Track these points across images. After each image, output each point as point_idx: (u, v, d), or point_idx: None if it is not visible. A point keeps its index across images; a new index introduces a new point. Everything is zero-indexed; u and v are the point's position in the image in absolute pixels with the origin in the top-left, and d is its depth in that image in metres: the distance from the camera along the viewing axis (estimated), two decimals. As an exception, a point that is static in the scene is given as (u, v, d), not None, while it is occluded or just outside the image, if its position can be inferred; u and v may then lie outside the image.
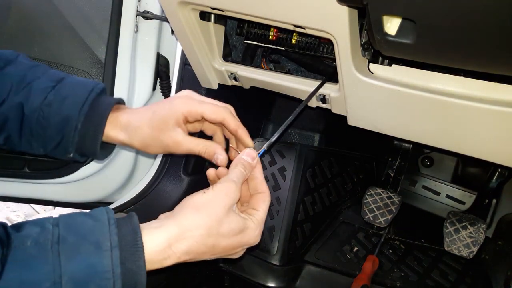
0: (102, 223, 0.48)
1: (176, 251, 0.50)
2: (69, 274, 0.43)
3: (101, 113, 0.63)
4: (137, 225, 0.49)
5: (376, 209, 1.11)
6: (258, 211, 0.57)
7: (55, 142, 0.63)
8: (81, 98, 0.63)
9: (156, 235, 0.49)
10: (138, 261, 0.47)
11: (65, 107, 0.62)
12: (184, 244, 0.50)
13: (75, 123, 0.62)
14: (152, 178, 1.04)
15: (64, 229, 0.46)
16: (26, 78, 0.63)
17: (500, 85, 0.59)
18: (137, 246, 0.47)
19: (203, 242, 0.51)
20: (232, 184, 0.55)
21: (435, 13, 0.46)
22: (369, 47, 0.66)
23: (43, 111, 0.62)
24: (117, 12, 0.94)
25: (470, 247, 0.99)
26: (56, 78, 0.65)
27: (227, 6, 0.69)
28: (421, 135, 0.72)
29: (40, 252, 0.44)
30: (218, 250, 0.53)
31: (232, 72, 0.86)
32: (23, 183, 1.02)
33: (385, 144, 1.30)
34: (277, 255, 1.05)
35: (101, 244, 0.46)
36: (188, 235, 0.50)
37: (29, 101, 0.62)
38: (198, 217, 0.51)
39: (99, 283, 0.44)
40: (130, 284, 0.46)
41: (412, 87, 0.64)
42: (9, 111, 0.62)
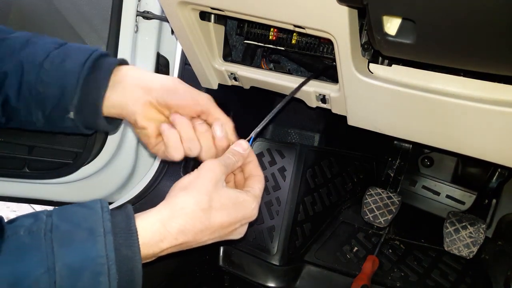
0: (95, 211, 0.48)
1: (171, 231, 0.49)
2: (63, 260, 0.43)
3: (104, 69, 0.60)
4: (131, 212, 0.49)
5: (376, 209, 1.11)
6: (253, 188, 0.57)
7: (55, 99, 0.59)
8: (84, 55, 0.60)
9: (148, 218, 0.49)
10: (132, 246, 0.46)
11: (67, 63, 0.59)
12: (178, 222, 0.49)
13: (76, 77, 0.59)
14: (152, 178, 1.04)
15: (57, 218, 0.46)
16: (29, 41, 0.62)
17: (500, 85, 0.59)
18: (131, 231, 0.47)
19: (197, 218, 0.50)
20: (215, 161, 0.55)
21: (435, 13, 0.46)
22: (369, 47, 0.66)
23: (44, 67, 0.59)
24: (117, 12, 0.94)
25: (470, 247, 0.99)
26: (59, 42, 0.63)
27: (227, 6, 0.69)
28: (421, 135, 0.72)
29: (33, 240, 0.44)
30: (216, 227, 0.52)
31: (232, 72, 0.86)
32: (23, 183, 1.02)
33: (385, 144, 1.30)
34: (277, 255, 1.05)
35: (94, 230, 0.45)
36: (179, 213, 0.50)
37: (29, 58, 0.60)
38: (187, 194, 0.51)
39: (93, 269, 0.44)
40: (126, 270, 0.46)
41: (412, 87, 0.64)
42: (9, 68, 0.60)
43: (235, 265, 1.09)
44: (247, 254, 1.07)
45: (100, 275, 0.44)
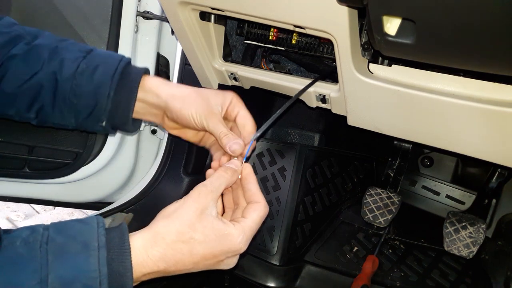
0: (91, 226, 0.48)
1: (152, 258, 0.49)
2: (56, 272, 0.44)
3: (132, 79, 0.65)
4: (125, 229, 0.50)
5: (376, 209, 1.11)
6: (245, 219, 0.56)
7: (88, 110, 0.65)
8: (112, 66, 0.65)
9: (134, 240, 0.50)
10: (124, 262, 0.47)
11: (97, 75, 0.64)
12: (158, 251, 0.50)
13: (107, 90, 0.64)
14: (152, 178, 1.04)
15: (53, 231, 0.47)
16: (57, 49, 0.65)
17: (500, 85, 0.59)
18: (124, 247, 0.48)
19: (177, 249, 0.50)
20: (202, 187, 0.54)
21: (435, 13, 0.46)
22: (369, 47, 0.66)
23: (76, 79, 0.64)
24: (117, 12, 0.94)
25: (470, 247, 0.99)
26: (85, 49, 0.67)
27: (227, 6, 0.69)
28: (421, 135, 0.72)
29: (28, 251, 0.44)
30: (198, 259, 0.52)
31: (232, 72, 0.86)
32: (23, 183, 1.02)
33: (385, 144, 1.30)
34: (277, 255, 1.05)
35: (89, 244, 0.46)
36: (160, 241, 0.50)
37: (62, 70, 0.64)
38: (169, 223, 0.51)
39: (85, 282, 0.44)
40: (117, 285, 0.47)
41: (412, 87, 0.64)
42: (44, 80, 0.64)
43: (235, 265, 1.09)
44: (247, 254, 1.07)
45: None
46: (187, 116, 0.63)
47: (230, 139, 0.61)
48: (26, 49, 0.64)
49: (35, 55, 0.64)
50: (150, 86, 0.66)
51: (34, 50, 0.65)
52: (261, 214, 0.57)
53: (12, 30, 0.66)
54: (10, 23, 0.68)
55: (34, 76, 0.63)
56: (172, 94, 0.65)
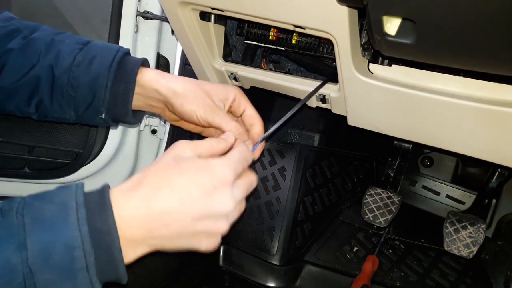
0: (68, 188, 0.47)
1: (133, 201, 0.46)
2: (34, 235, 0.42)
3: (130, 70, 0.64)
4: (106, 188, 0.47)
5: (376, 209, 1.11)
6: (229, 152, 0.53)
7: (87, 102, 0.64)
8: (108, 57, 0.64)
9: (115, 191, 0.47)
10: (107, 220, 0.44)
11: (94, 67, 0.63)
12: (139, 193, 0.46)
13: (105, 81, 0.63)
14: (152, 178, 1.04)
15: (30, 198, 0.45)
16: (54, 42, 0.65)
17: (500, 85, 0.59)
18: (105, 205, 0.45)
19: (157, 186, 0.47)
20: (184, 141, 0.52)
21: (435, 13, 0.46)
22: (369, 47, 0.66)
23: (73, 72, 0.63)
24: (117, 12, 0.94)
25: (470, 247, 0.99)
26: (82, 41, 0.67)
27: (227, 6, 0.69)
28: (421, 135, 0.72)
29: (4, 219, 0.43)
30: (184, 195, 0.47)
31: (232, 72, 0.86)
32: (23, 183, 1.02)
33: (385, 144, 1.30)
34: (277, 255, 1.05)
35: (66, 204, 0.44)
36: (138, 185, 0.47)
37: (58, 62, 0.63)
38: (146, 169, 0.49)
39: (66, 243, 0.42)
40: (103, 245, 0.44)
41: (412, 87, 0.64)
42: (41, 73, 0.63)
43: (235, 265, 1.09)
44: (247, 254, 1.07)
45: (73, 249, 0.42)
46: (190, 113, 0.63)
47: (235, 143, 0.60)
48: (22, 43, 0.64)
49: (32, 48, 0.64)
50: (149, 80, 0.65)
51: (30, 43, 0.64)
52: (242, 147, 0.55)
53: (9, 24, 0.66)
54: (8, 17, 0.68)
55: (31, 69, 0.63)
56: (173, 89, 0.64)
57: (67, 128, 0.99)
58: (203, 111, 0.62)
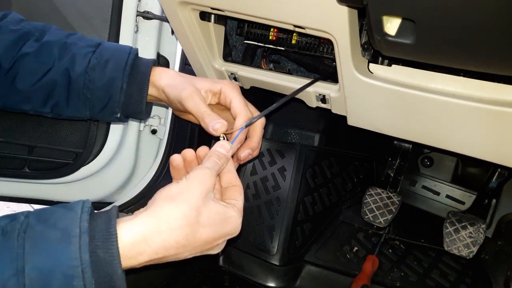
0: (74, 212, 0.45)
1: (153, 246, 0.46)
2: (33, 262, 0.41)
3: (142, 71, 0.68)
4: (113, 214, 0.46)
5: (376, 209, 1.11)
6: (237, 201, 0.54)
7: (102, 104, 0.67)
8: (122, 59, 0.67)
9: (130, 227, 0.45)
10: (110, 249, 0.43)
11: (108, 69, 0.66)
12: (162, 237, 0.46)
13: (120, 83, 0.66)
14: (152, 178, 1.04)
15: (34, 218, 0.44)
16: (67, 45, 0.67)
17: (500, 85, 0.59)
18: (110, 233, 0.44)
19: (182, 234, 0.47)
20: (207, 170, 0.52)
21: (435, 13, 0.46)
22: (369, 47, 0.66)
23: (89, 75, 0.66)
24: (117, 12, 0.94)
25: (470, 247, 0.99)
26: (94, 43, 0.70)
27: (227, 6, 0.69)
28: (421, 135, 0.72)
29: (5, 240, 0.42)
30: (199, 243, 0.49)
31: (232, 72, 0.86)
32: (23, 183, 1.02)
33: (385, 144, 1.30)
34: (277, 255, 1.05)
35: (69, 231, 0.43)
36: (165, 227, 0.46)
37: (74, 66, 0.66)
38: (175, 207, 0.47)
39: (65, 272, 0.41)
40: (104, 275, 0.43)
41: (412, 87, 0.64)
42: (57, 77, 0.66)
43: (235, 265, 1.09)
44: (247, 254, 1.07)
45: (73, 278, 0.41)
46: (173, 100, 0.66)
47: (212, 119, 0.62)
48: (36, 47, 0.66)
49: (46, 52, 0.66)
50: (161, 78, 0.69)
51: (44, 47, 0.66)
52: (243, 197, 0.57)
53: (20, 27, 0.68)
54: (17, 19, 0.70)
55: (47, 73, 0.66)
56: (167, 84, 0.68)
57: (67, 128, 0.99)
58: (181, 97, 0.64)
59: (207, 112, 0.63)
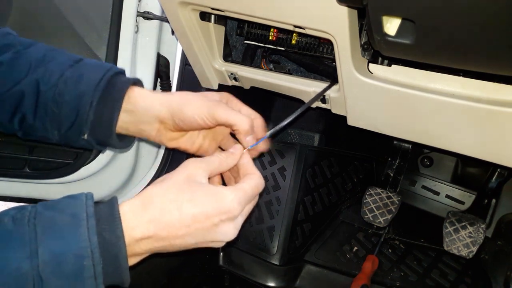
0: (79, 200, 0.48)
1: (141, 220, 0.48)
2: (45, 245, 0.43)
3: (118, 89, 0.61)
4: (114, 199, 0.49)
5: (375, 209, 1.11)
6: (243, 183, 0.54)
7: (70, 121, 0.61)
8: (97, 75, 0.61)
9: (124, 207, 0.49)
10: (115, 231, 0.46)
11: (81, 84, 0.60)
12: (147, 213, 0.49)
13: (90, 99, 0.60)
14: (153, 178, 1.04)
15: (42, 207, 0.47)
16: (45, 58, 0.63)
17: (500, 85, 0.59)
18: (114, 216, 0.47)
19: (165, 208, 0.49)
20: (193, 159, 0.54)
21: (435, 13, 0.46)
22: (368, 47, 0.66)
23: (59, 87, 0.60)
24: (117, 12, 0.94)
25: (469, 247, 0.99)
26: (74, 58, 0.64)
27: (227, 7, 0.69)
28: (421, 135, 0.72)
29: (16, 226, 0.44)
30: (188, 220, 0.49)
31: (232, 72, 0.86)
32: (23, 183, 1.02)
33: (384, 144, 1.30)
34: (277, 254, 1.05)
35: (77, 215, 0.46)
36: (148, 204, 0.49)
37: (45, 78, 0.61)
38: (157, 188, 0.51)
39: (76, 252, 0.44)
40: (110, 255, 0.46)
41: (411, 87, 0.64)
42: (26, 88, 0.61)
43: (235, 264, 1.09)
44: (247, 254, 1.07)
45: (83, 258, 0.44)
46: (191, 115, 0.60)
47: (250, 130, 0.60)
48: (12, 57, 0.62)
49: (21, 62, 0.62)
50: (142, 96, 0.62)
51: (20, 58, 0.62)
52: (255, 181, 0.55)
53: (3, 39, 0.64)
54: (4, 32, 0.66)
55: (17, 84, 0.61)
56: (168, 100, 0.62)
57: (67, 128, 0.99)
58: (206, 109, 0.60)
59: (247, 121, 0.61)
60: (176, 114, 0.62)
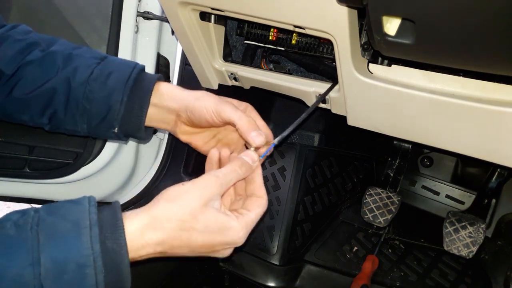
0: (82, 205, 0.48)
1: (149, 241, 0.48)
2: (48, 252, 0.43)
3: (145, 86, 0.65)
4: (118, 207, 0.49)
5: (375, 209, 1.11)
6: (249, 212, 0.55)
7: (101, 116, 0.65)
8: (125, 72, 0.65)
9: (130, 222, 0.48)
10: (118, 240, 0.46)
11: (110, 81, 0.64)
12: (156, 235, 0.49)
13: (120, 95, 0.64)
14: (153, 178, 1.04)
15: (44, 212, 0.46)
16: (72, 56, 0.66)
17: (500, 85, 0.59)
18: (117, 225, 0.47)
19: (176, 236, 0.49)
20: (213, 178, 0.52)
21: (435, 13, 0.46)
22: (368, 47, 0.66)
23: (90, 85, 0.64)
24: (117, 12, 0.94)
25: (469, 247, 0.99)
26: (100, 56, 0.68)
27: (227, 7, 0.69)
28: (421, 135, 0.72)
29: (19, 233, 0.44)
30: (196, 246, 0.51)
31: (232, 72, 0.86)
32: (23, 183, 1.02)
33: (384, 144, 1.30)
34: (277, 254, 1.05)
35: (80, 223, 0.46)
36: (158, 226, 0.49)
37: (76, 76, 0.64)
38: (170, 208, 0.49)
39: (78, 261, 0.44)
40: (113, 264, 0.46)
41: (411, 87, 0.64)
42: (57, 85, 0.64)
43: (235, 264, 1.09)
44: (247, 254, 1.07)
45: (85, 267, 0.44)
46: (200, 109, 0.63)
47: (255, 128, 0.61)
48: (41, 56, 0.65)
49: (50, 61, 0.65)
50: (165, 90, 0.66)
51: (49, 56, 0.65)
52: (263, 209, 0.56)
53: (28, 37, 0.67)
54: (26, 30, 0.69)
55: (47, 81, 0.64)
56: (187, 94, 0.66)
57: (67, 128, 0.99)
58: (214, 105, 0.62)
59: (245, 117, 0.61)
60: (189, 107, 0.64)
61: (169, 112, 0.66)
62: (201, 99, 0.64)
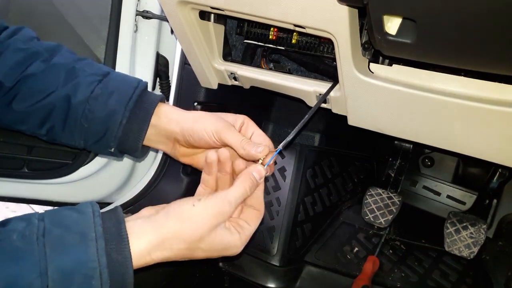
0: (86, 216, 0.48)
1: (156, 259, 0.50)
2: (55, 264, 0.44)
3: (146, 108, 0.65)
4: (121, 217, 0.50)
5: (376, 209, 1.11)
6: (250, 227, 0.57)
7: (99, 136, 0.64)
8: (127, 93, 0.64)
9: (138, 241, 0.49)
10: (123, 251, 0.47)
11: (111, 102, 0.63)
12: (163, 254, 0.51)
13: (120, 118, 0.63)
14: (152, 178, 1.04)
15: (49, 222, 0.47)
16: (74, 70, 0.65)
17: (501, 85, 0.59)
18: (122, 237, 0.48)
19: (181, 254, 0.52)
20: (227, 206, 0.53)
21: (436, 12, 0.46)
22: (369, 46, 0.66)
23: (90, 104, 0.63)
24: (116, 11, 0.94)
25: (470, 247, 0.99)
26: (102, 72, 0.67)
27: (227, 6, 0.69)
28: (422, 135, 0.72)
29: (25, 244, 0.44)
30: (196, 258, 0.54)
31: (232, 72, 0.86)
32: (23, 183, 1.01)
33: (385, 144, 1.30)
34: (277, 255, 1.04)
35: (86, 235, 0.46)
36: (167, 246, 0.50)
37: (76, 93, 0.63)
38: (180, 230, 0.51)
39: (85, 273, 0.45)
40: (117, 275, 0.47)
41: (412, 87, 0.64)
42: (57, 101, 0.63)
43: (235, 265, 1.09)
44: (247, 255, 1.07)
45: (92, 279, 0.45)
46: (200, 131, 0.62)
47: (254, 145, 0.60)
48: (42, 68, 0.64)
49: (52, 75, 0.64)
50: (163, 112, 0.66)
51: (50, 69, 0.65)
52: (259, 220, 0.59)
53: (30, 46, 0.66)
54: (29, 37, 0.68)
55: (48, 96, 0.64)
56: (184, 115, 0.65)
57: (67, 128, 0.98)
58: (214, 127, 0.61)
59: (245, 140, 0.61)
60: (187, 130, 0.64)
61: (166, 134, 0.66)
62: (199, 121, 0.63)
